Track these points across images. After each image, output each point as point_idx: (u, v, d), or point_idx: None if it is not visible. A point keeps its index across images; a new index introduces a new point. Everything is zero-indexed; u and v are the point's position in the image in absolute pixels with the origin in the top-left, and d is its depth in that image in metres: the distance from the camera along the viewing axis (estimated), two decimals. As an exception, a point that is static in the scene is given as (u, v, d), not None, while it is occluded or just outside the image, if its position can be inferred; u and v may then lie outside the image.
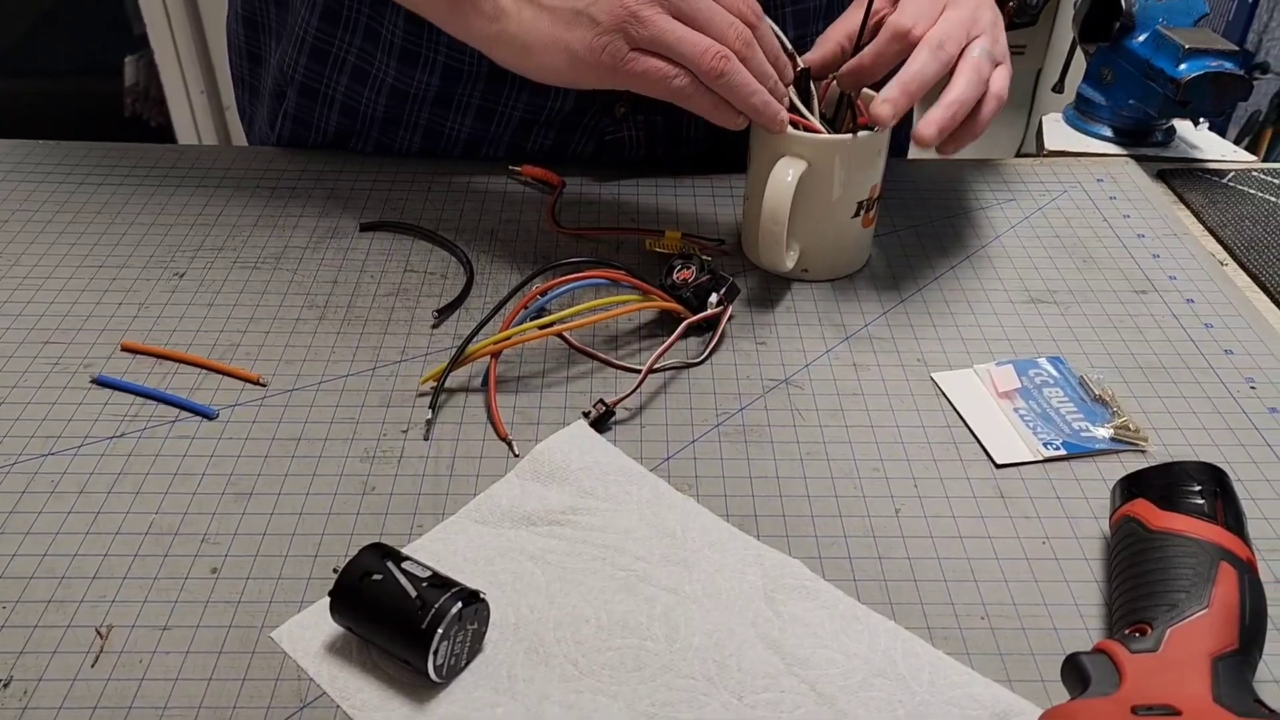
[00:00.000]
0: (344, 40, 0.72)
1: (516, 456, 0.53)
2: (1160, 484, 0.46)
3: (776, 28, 0.61)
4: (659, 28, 0.56)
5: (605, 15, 0.56)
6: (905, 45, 0.61)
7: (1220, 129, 1.56)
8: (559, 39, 0.57)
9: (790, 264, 0.63)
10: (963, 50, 0.61)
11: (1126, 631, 0.41)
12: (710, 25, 0.57)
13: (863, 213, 0.64)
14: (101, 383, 0.57)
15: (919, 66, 0.60)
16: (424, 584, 0.42)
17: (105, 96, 2.10)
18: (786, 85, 0.61)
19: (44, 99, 2.31)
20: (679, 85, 0.57)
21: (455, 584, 0.42)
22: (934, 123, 0.60)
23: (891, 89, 0.60)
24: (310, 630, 0.44)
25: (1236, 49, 0.74)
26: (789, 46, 0.62)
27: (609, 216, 0.71)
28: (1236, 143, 1.58)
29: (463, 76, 0.71)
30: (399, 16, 0.69)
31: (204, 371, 0.58)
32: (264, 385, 0.57)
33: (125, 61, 2.01)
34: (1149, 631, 0.40)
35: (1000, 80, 0.62)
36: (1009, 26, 0.67)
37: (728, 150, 0.77)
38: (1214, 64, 0.74)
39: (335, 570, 0.43)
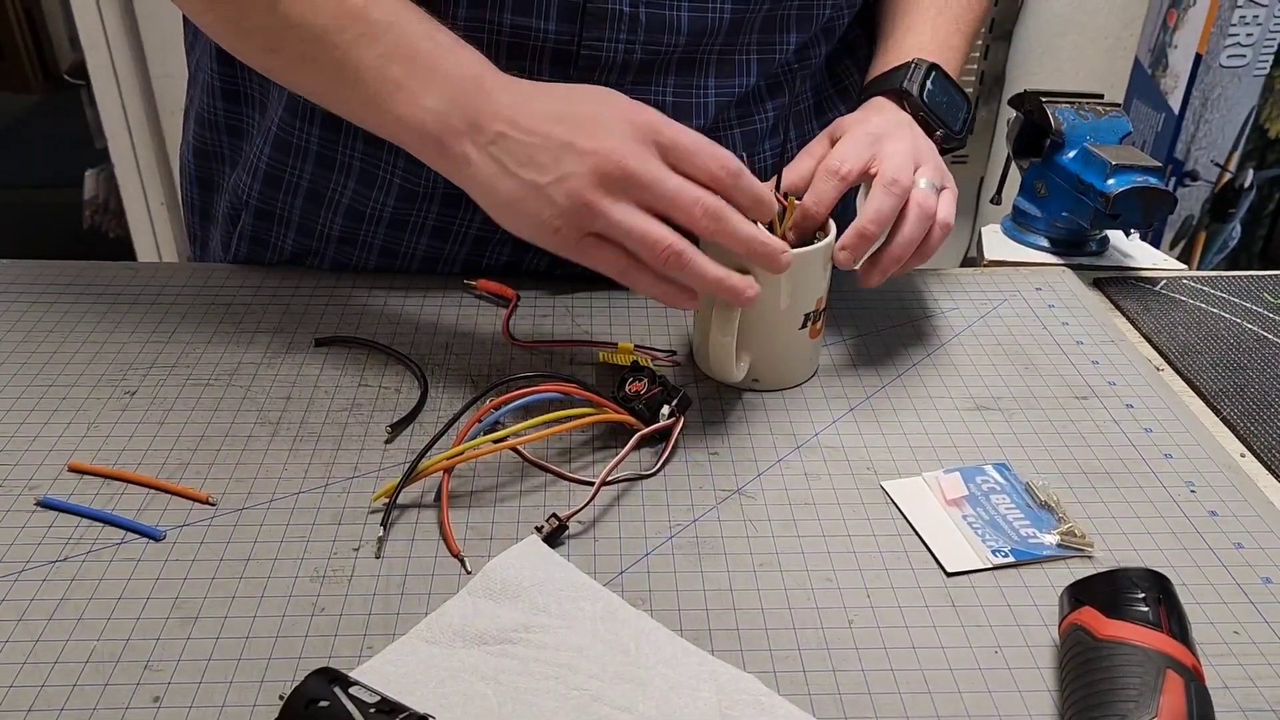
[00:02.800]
0: (295, 167, 0.73)
1: (469, 573, 0.53)
2: (1105, 591, 0.47)
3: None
4: (612, 219, 0.55)
5: (563, 198, 0.56)
6: (841, 183, 0.64)
7: (1157, 233, 1.62)
8: (518, 206, 0.57)
9: (740, 375, 0.64)
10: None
11: (1078, 743, 0.41)
12: (675, 208, 0.56)
13: (810, 324, 0.66)
14: (46, 505, 0.56)
15: (875, 208, 0.62)
16: (371, 710, 0.41)
17: (65, 208, 2.11)
18: (774, 220, 0.62)
19: (3, 210, 2.31)
20: (631, 273, 0.58)
21: (404, 709, 0.41)
22: (880, 270, 0.64)
23: (850, 234, 0.62)
24: (254, 761, 0.43)
25: (1160, 165, 0.78)
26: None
27: (563, 329, 0.73)
28: (1172, 246, 1.64)
29: (418, 198, 0.73)
30: (356, 139, 0.71)
31: (152, 492, 0.57)
32: (213, 504, 0.57)
33: (86, 174, 2.03)
34: (1100, 742, 0.41)
35: (946, 207, 0.65)
36: (940, 152, 0.70)
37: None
38: (1140, 179, 0.77)
39: (281, 697, 0.42)
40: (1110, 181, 0.77)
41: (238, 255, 0.79)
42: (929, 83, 0.70)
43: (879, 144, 0.65)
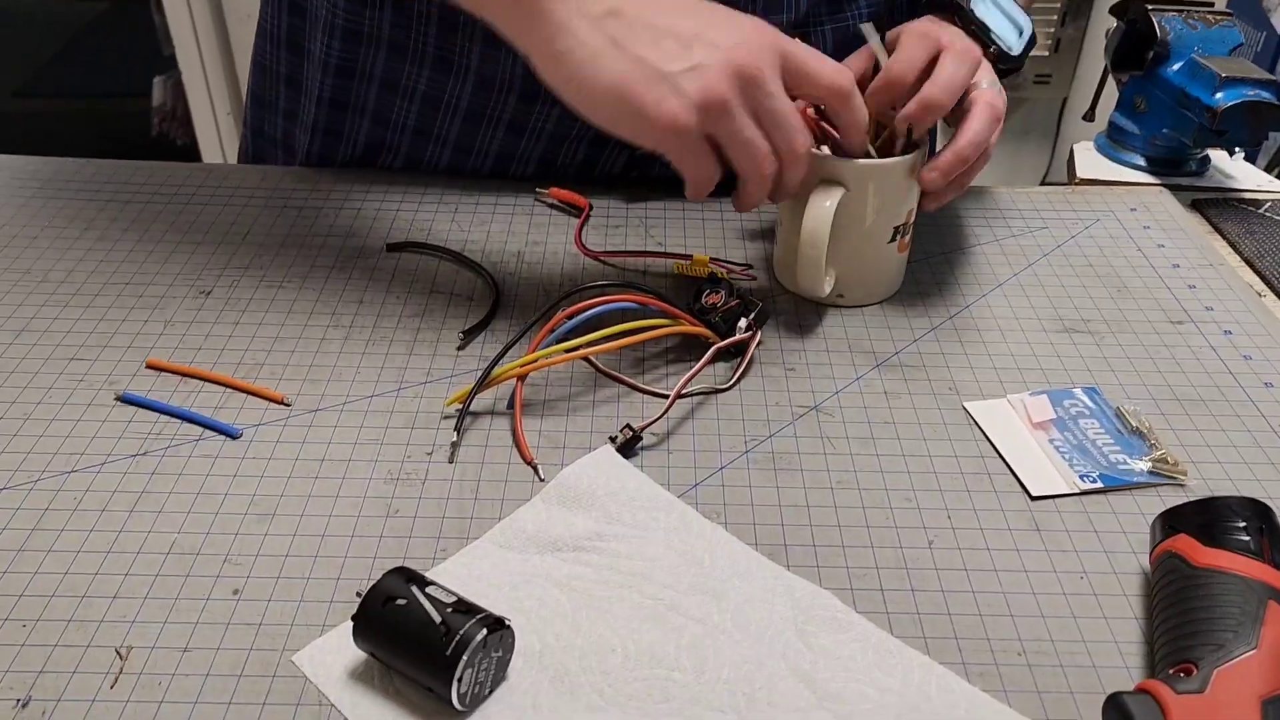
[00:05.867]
0: (368, 55, 0.72)
1: (542, 481, 0.52)
2: (1203, 519, 0.45)
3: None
4: (736, 127, 0.54)
5: (695, 91, 0.52)
6: (898, 90, 0.61)
7: (1250, 159, 1.54)
8: (630, 91, 0.52)
9: (827, 289, 0.63)
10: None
11: (1171, 671, 0.40)
12: (777, 129, 0.55)
13: (899, 237, 0.63)
14: (126, 400, 0.56)
15: (975, 130, 0.59)
16: (449, 610, 0.41)
17: (133, 116, 2.12)
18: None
19: (73, 118, 2.34)
20: (707, 189, 0.56)
21: (480, 610, 0.41)
22: (940, 168, 0.60)
23: (945, 155, 0.59)
24: (332, 655, 0.43)
25: (1274, 78, 0.73)
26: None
27: (636, 239, 0.71)
28: (1267, 172, 1.56)
29: (495, 87, 0.71)
30: (430, 26, 0.69)
31: (228, 390, 0.57)
32: (288, 405, 0.57)
33: (154, 81, 2.03)
34: (1194, 672, 0.39)
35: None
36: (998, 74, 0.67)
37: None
38: (1251, 93, 0.73)
39: (358, 594, 0.42)
40: (1219, 95, 0.73)
41: (310, 152, 0.78)
42: None
43: (934, 46, 0.62)
